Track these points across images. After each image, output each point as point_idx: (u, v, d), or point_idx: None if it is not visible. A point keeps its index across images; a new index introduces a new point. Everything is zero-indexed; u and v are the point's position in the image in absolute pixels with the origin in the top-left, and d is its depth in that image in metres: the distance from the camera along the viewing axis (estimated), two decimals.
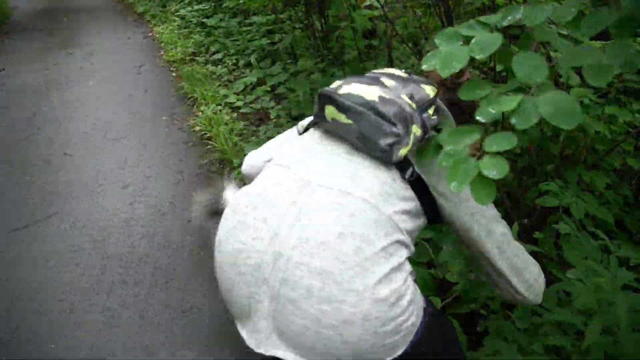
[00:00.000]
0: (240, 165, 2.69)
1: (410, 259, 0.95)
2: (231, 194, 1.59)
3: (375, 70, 1.10)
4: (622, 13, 0.69)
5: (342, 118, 0.93)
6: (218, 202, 1.56)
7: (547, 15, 0.80)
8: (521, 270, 1.01)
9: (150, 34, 5.64)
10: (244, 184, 1.62)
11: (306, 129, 1.10)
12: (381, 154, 0.92)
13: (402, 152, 0.91)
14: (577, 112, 0.68)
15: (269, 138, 2.86)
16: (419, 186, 0.97)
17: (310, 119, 1.11)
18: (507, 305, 1.62)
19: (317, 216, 0.87)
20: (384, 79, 1.00)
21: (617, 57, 0.68)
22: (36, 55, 4.99)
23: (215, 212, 1.57)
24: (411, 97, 0.96)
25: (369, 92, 0.94)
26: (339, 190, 0.90)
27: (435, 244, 1.76)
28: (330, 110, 0.96)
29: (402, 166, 0.95)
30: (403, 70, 1.09)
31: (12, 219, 2.44)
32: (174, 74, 4.31)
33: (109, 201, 2.56)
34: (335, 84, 1.03)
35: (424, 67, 0.83)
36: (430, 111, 1.00)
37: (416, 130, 0.93)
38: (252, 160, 1.30)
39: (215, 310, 1.90)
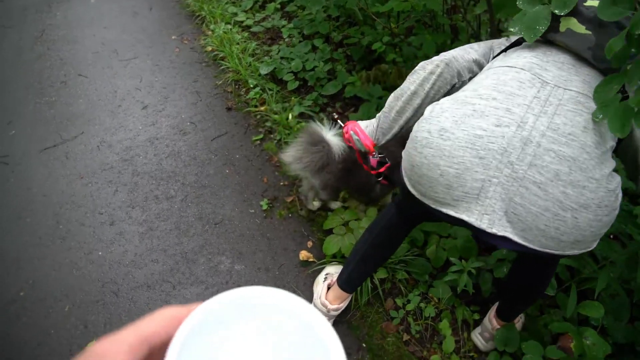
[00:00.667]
0: (255, 86, 2.73)
1: None
2: (333, 137, 1.72)
3: None
4: None
5: (582, 29, 1.01)
6: (323, 150, 1.70)
7: None
8: None
9: None
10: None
11: (508, 48, 1.17)
12: (606, 65, 0.99)
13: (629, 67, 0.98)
14: None
15: (283, 58, 2.90)
16: None
17: (503, 40, 1.18)
18: None
19: (561, 110, 0.96)
20: None
21: None
22: None
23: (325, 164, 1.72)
24: None
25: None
26: (577, 91, 0.99)
27: None
28: (568, 22, 1.03)
29: None
30: None
31: (40, 138, 2.54)
32: None
33: (131, 121, 2.64)
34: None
35: (510, 29, 0.89)
36: None
37: None
38: (453, 54, 1.27)
39: (245, 222, 2.07)
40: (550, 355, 1.31)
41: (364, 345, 1.67)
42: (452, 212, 1.02)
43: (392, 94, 1.35)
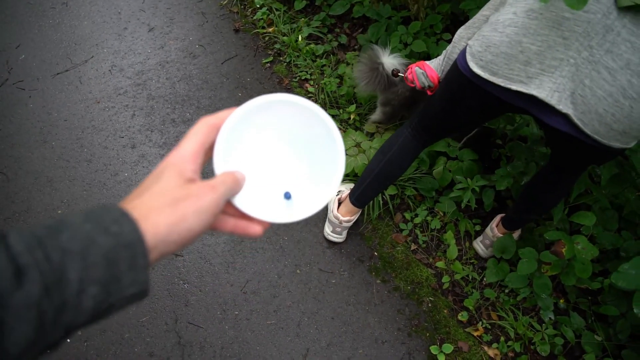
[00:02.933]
0: (261, 6, 2.70)
1: None
2: (388, 59, 1.85)
3: None
4: None
5: None
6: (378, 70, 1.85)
7: None
8: None
9: None
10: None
11: None
12: None
13: None
14: None
15: None
16: None
17: None
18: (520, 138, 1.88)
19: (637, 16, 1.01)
20: None
21: None
22: None
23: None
24: None
25: None
26: None
27: None
28: None
29: None
30: None
31: (51, 63, 2.55)
32: None
33: (139, 45, 2.63)
34: None
35: None
36: None
37: None
38: None
39: None
40: (544, 259, 1.48)
41: (375, 253, 1.86)
42: (522, 88, 1.10)
43: (463, 26, 1.39)
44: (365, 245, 1.88)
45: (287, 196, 0.54)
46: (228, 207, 0.48)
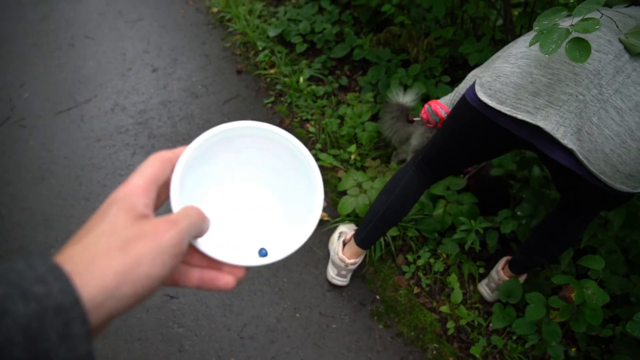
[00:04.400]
0: (264, 49, 2.74)
1: None
2: (405, 100, 1.96)
3: None
4: None
5: None
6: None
7: None
8: None
9: None
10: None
11: None
12: None
13: None
14: None
15: (290, 20, 2.90)
16: None
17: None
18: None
19: None
20: None
21: None
22: None
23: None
24: None
25: None
26: None
27: None
28: None
29: None
30: None
31: (54, 101, 2.57)
32: None
33: (143, 85, 2.67)
34: None
35: None
36: None
37: None
38: None
39: None
40: (553, 304, 1.43)
41: (377, 297, 1.80)
42: (528, 118, 1.09)
43: (477, 67, 1.42)
44: (367, 288, 1.82)
45: (263, 253, 0.48)
46: (192, 257, 0.41)
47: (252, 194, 0.51)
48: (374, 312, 1.76)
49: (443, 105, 1.50)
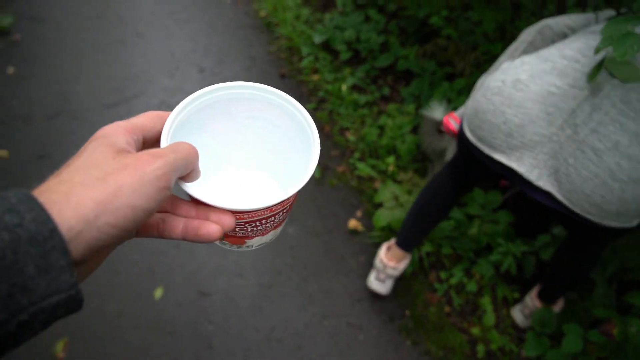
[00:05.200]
0: (308, 54, 2.76)
1: None
2: (440, 112, 1.94)
3: None
4: None
5: None
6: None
7: None
8: None
9: None
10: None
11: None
12: None
13: None
14: None
15: (336, 27, 2.91)
16: None
17: (608, 12, 1.18)
18: None
19: (639, 87, 0.95)
20: None
21: None
22: None
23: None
24: None
25: None
26: None
27: None
28: None
29: None
30: None
31: (103, 96, 2.67)
32: None
33: (189, 84, 2.74)
34: None
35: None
36: None
37: None
38: (548, 22, 1.28)
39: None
40: (592, 338, 1.38)
41: (407, 312, 1.78)
42: (503, 159, 1.07)
43: (485, 73, 1.40)
44: (397, 302, 1.81)
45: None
46: (179, 208, 0.39)
47: (249, 179, 0.51)
48: (403, 327, 1.75)
49: (455, 117, 1.48)
